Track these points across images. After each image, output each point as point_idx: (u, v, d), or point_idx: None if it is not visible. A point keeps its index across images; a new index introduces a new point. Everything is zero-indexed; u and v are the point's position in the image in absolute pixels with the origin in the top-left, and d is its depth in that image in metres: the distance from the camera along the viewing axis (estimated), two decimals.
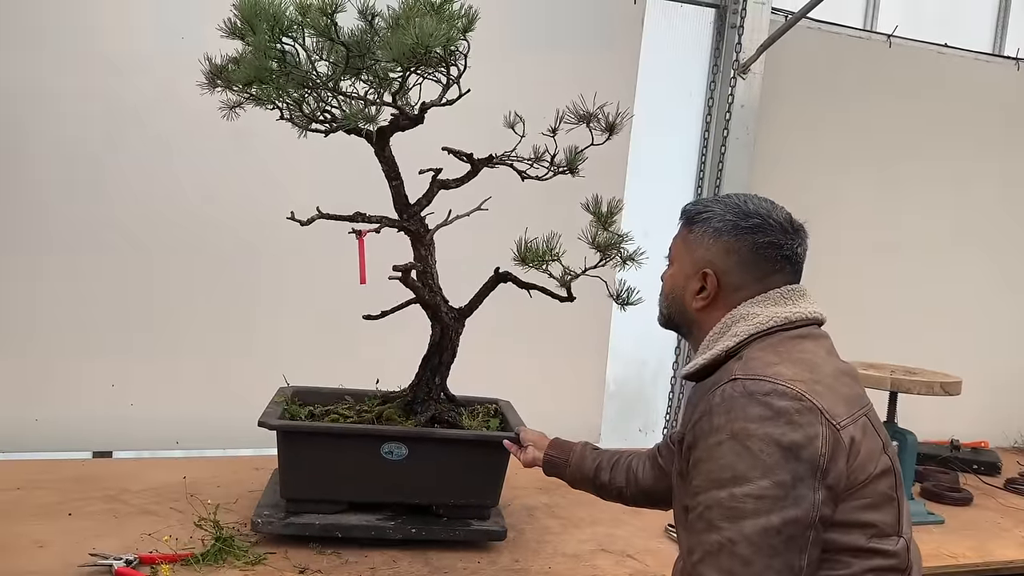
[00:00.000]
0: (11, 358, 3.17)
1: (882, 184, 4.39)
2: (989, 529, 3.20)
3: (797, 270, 1.66)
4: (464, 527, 2.49)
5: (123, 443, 3.35)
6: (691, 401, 1.60)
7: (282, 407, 2.60)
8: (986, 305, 4.67)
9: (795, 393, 1.42)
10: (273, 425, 2.40)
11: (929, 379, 3.22)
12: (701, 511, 1.43)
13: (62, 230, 3.18)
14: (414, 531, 2.45)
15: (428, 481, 2.49)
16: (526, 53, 2.24)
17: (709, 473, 1.42)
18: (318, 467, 2.45)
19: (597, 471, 2.21)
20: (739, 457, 1.38)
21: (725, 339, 1.59)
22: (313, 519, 2.43)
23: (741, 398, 1.42)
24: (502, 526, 2.54)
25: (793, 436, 1.38)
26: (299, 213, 2.40)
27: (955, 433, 4.18)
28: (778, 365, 1.47)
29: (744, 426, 1.39)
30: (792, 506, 1.36)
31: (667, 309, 1.77)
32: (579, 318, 3.90)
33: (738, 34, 3.98)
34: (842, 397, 1.49)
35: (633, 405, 4.33)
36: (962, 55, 4.49)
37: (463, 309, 2.62)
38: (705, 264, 1.65)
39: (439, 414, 2.58)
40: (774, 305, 1.59)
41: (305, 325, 3.46)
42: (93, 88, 3.15)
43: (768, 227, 1.62)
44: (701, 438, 1.46)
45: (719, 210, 1.66)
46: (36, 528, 2.40)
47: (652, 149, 4.04)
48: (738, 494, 1.37)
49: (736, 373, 1.48)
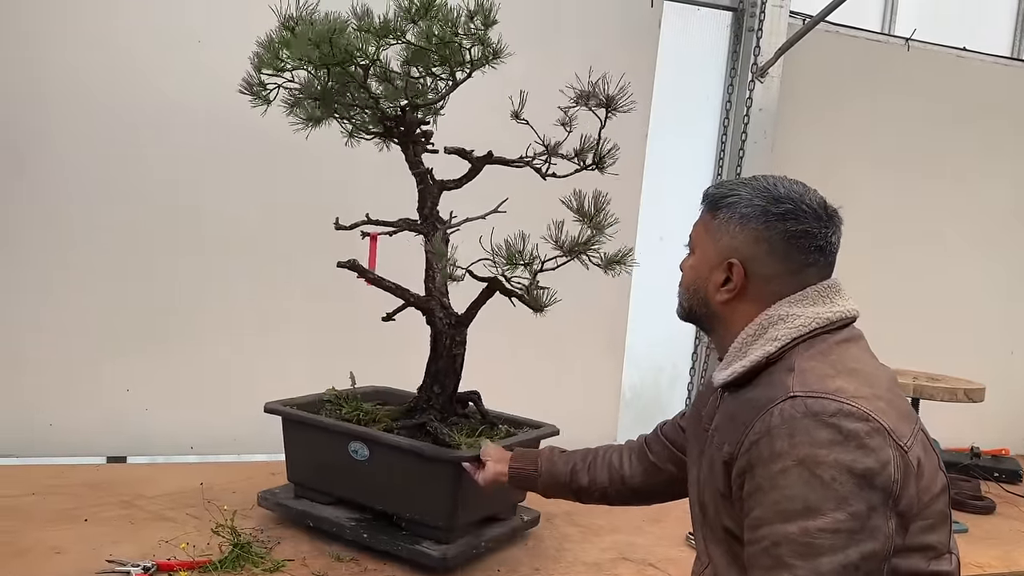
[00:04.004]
0: (26, 362, 3.16)
1: (901, 188, 4.35)
2: (1013, 537, 3.15)
3: (831, 262, 1.52)
4: (410, 544, 2.33)
5: (137, 448, 3.33)
6: (736, 418, 1.44)
7: (324, 398, 2.72)
8: (1005, 310, 4.62)
9: (862, 413, 1.30)
10: (269, 408, 2.60)
11: (952, 385, 3.19)
12: (766, 546, 1.30)
13: (77, 235, 3.17)
14: (366, 536, 2.40)
15: (387, 488, 2.43)
16: (542, 56, 2.22)
17: (775, 504, 1.29)
18: (305, 456, 2.58)
19: (573, 474, 2.03)
20: (809, 487, 1.26)
21: (763, 343, 1.45)
22: (298, 504, 2.56)
23: (804, 419, 1.30)
24: (445, 554, 2.29)
25: (866, 462, 1.27)
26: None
27: (975, 440, 4.13)
28: (836, 379, 1.36)
29: (812, 452, 1.27)
30: (869, 539, 1.26)
31: (687, 301, 1.61)
32: (595, 324, 3.90)
33: (756, 37, 3.96)
34: (902, 413, 1.39)
35: (649, 413, 4.28)
36: (981, 59, 4.46)
37: (462, 316, 2.51)
38: (731, 253, 1.49)
39: (429, 423, 2.47)
40: (813, 305, 1.46)
41: (321, 329, 3.44)
42: (101, 90, 3.15)
43: (801, 213, 1.47)
44: (760, 464, 1.33)
45: (746, 194, 1.50)
46: (53, 534, 2.38)
47: (669, 153, 4.02)
48: (811, 528, 1.25)
49: (794, 390, 1.35)
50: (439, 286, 2.49)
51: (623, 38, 3.78)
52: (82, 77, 3.11)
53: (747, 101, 3.97)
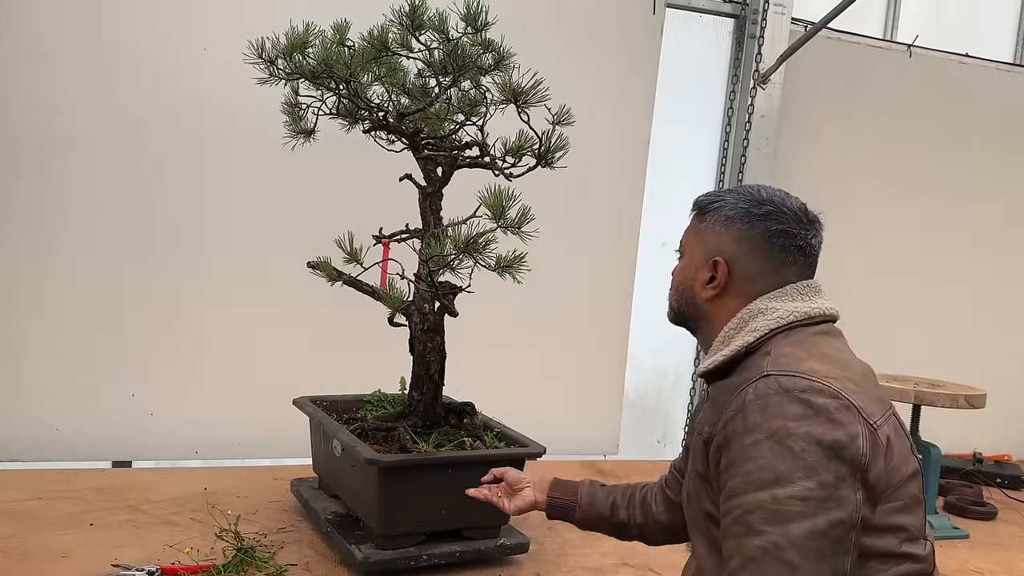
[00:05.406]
0: (32, 367, 3.18)
1: (903, 194, 4.36)
2: (1015, 544, 3.15)
3: (811, 263, 1.59)
4: (349, 544, 2.35)
5: (143, 453, 3.36)
6: (716, 401, 1.50)
7: (365, 399, 2.87)
8: (1007, 315, 4.62)
9: (832, 391, 1.36)
10: (297, 401, 2.81)
11: (953, 392, 3.19)
12: (739, 515, 1.35)
13: (82, 242, 3.20)
14: (329, 530, 2.49)
15: (347, 486, 2.56)
16: (544, 62, 2.23)
17: (747, 475, 1.35)
18: (315, 450, 2.79)
19: (614, 509, 1.98)
20: (779, 457, 1.32)
21: (743, 334, 1.52)
22: (310, 494, 2.74)
23: (776, 395, 1.36)
24: (368, 558, 2.28)
25: (835, 435, 1.32)
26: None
27: (977, 446, 4.13)
28: (809, 361, 1.41)
29: (783, 424, 1.33)
30: (837, 508, 1.30)
31: (676, 302, 1.69)
32: (597, 328, 3.91)
33: (758, 44, 3.98)
34: (873, 397, 1.44)
35: (652, 416, 4.31)
36: (983, 64, 4.46)
37: (433, 323, 2.49)
38: (716, 252, 1.58)
39: (401, 428, 2.46)
40: (792, 300, 1.53)
41: (326, 332, 3.45)
42: (112, 94, 3.18)
43: (781, 215, 1.55)
44: (734, 438, 1.38)
45: (731, 199, 1.59)
46: (59, 538, 2.40)
47: (671, 159, 4.04)
48: (781, 496, 1.30)
49: (768, 369, 1.41)
50: (421, 292, 2.50)
51: (626, 45, 3.80)
52: (84, 80, 3.14)
53: (749, 107, 3.99)
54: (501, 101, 2.32)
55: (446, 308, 2.43)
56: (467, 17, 2.31)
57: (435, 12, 2.35)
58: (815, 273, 1.60)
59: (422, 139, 2.51)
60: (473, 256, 2.20)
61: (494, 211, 2.20)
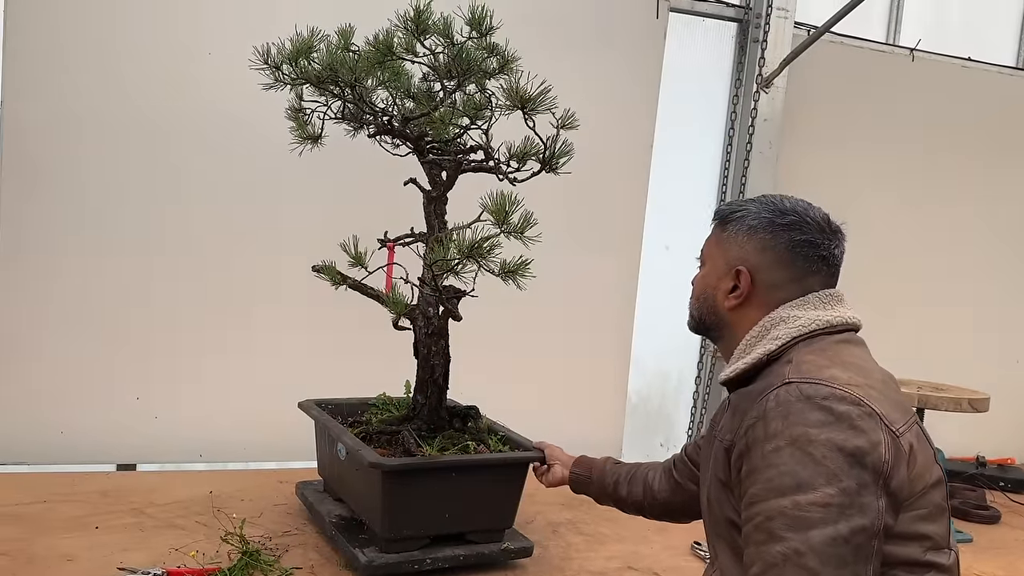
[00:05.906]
0: (37, 370, 3.19)
1: (906, 198, 4.36)
2: (1018, 548, 3.15)
3: (834, 273, 1.60)
4: (353, 547, 2.36)
5: (147, 456, 3.36)
6: (738, 409, 1.51)
7: (371, 402, 2.87)
8: (1011, 320, 4.62)
9: (854, 398, 1.36)
10: (302, 404, 2.80)
11: (956, 395, 3.19)
12: (760, 521, 1.34)
13: (87, 245, 3.20)
14: (334, 534, 2.48)
15: (351, 490, 2.56)
16: (548, 66, 2.24)
17: (769, 481, 1.35)
18: (321, 452, 2.80)
19: (616, 485, 2.19)
20: (801, 464, 1.32)
21: (765, 342, 1.53)
22: (315, 497, 2.74)
23: (798, 402, 1.36)
24: (372, 562, 2.29)
25: (856, 441, 1.32)
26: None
27: (980, 449, 4.13)
28: (831, 368, 1.41)
29: (804, 431, 1.33)
30: (858, 514, 1.30)
31: (697, 311, 1.69)
32: (601, 331, 3.92)
33: (761, 48, 3.98)
34: (895, 404, 1.44)
35: (655, 419, 4.31)
36: (985, 68, 4.47)
37: (438, 327, 2.52)
38: (739, 262, 1.59)
39: (405, 431, 2.48)
40: (814, 309, 1.54)
41: (330, 334, 3.46)
42: (118, 99, 3.18)
43: (805, 225, 1.57)
44: (755, 445, 1.39)
45: (754, 208, 1.61)
46: (64, 542, 2.41)
47: (674, 163, 4.04)
48: (802, 502, 1.30)
49: (789, 376, 1.41)
50: (425, 296, 2.51)
51: (629, 49, 3.81)
52: (91, 85, 3.15)
53: (752, 112, 3.99)
54: (507, 107, 2.33)
55: (450, 312, 2.44)
56: (472, 21, 2.32)
57: (440, 16, 2.36)
58: (837, 283, 1.62)
59: (427, 143, 2.52)
60: (477, 261, 2.20)
61: (497, 216, 2.23)
